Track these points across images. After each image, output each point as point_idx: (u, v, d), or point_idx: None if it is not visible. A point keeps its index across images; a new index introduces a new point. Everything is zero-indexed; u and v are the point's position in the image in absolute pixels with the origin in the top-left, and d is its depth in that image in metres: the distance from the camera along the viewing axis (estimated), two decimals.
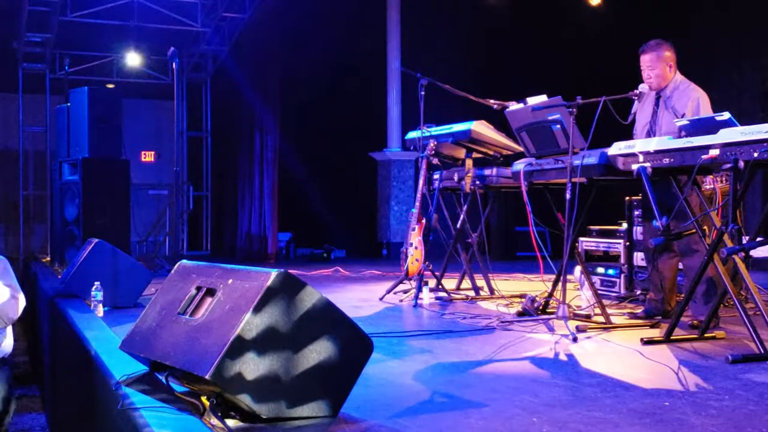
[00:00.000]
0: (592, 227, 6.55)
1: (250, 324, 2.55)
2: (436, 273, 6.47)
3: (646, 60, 5.03)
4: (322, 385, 2.70)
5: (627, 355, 4.05)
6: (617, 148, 4.51)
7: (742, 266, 4.04)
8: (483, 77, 11.35)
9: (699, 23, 9.85)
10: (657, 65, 4.99)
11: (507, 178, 6.16)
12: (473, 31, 11.87)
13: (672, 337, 4.28)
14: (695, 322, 4.74)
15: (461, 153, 6.55)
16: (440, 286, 6.41)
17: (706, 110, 4.80)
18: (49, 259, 10.26)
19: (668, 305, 5.17)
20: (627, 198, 6.28)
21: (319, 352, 2.69)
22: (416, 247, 6.15)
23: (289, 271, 2.67)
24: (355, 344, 2.81)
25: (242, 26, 11.31)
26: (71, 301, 5.62)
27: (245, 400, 2.54)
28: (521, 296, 5.79)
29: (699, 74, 5.30)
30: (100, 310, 5.29)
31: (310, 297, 2.69)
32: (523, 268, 8.78)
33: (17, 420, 5.90)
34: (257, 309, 2.57)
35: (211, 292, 2.83)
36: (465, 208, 6.49)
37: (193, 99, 12.96)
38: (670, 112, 4.94)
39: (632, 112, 5.14)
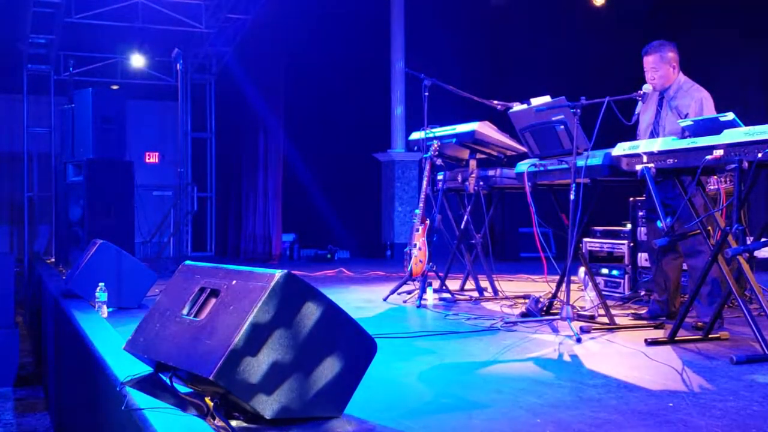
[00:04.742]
0: (596, 228, 6.55)
1: (254, 325, 2.55)
2: (440, 274, 6.47)
3: (649, 61, 5.01)
4: (326, 386, 2.70)
5: (631, 355, 4.04)
6: (621, 149, 4.51)
7: (746, 267, 4.04)
8: (487, 78, 11.39)
9: (702, 22, 9.83)
10: (661, 66, 4.98)
11: (511, 179, 6.16)
12: (477, 31, 11.89)
13: (676, 338, 4.28)
14: (699, 324, 4.74)
15: (465, 154, 6.54)
16: (444, 287, 6.41)
17: (709, 110, 4.79)
18: (53, 260, 10.29)
19: (672, 306, 5.17)
20: (631, 199, 6.27)
21: (322, 353, 2.69)
22: (420, 248, 6.15)
23: (293, 272, 2.67)
24: (359, 345, 2.81)
25: (246, 27, 11.32)
26: (75, 302, 5.63)
27: (249, 400, 2.54)
28: (525, 297, 5.80)
29: (701, 74, 5.30)
30: (105, 311, 5.30)
31: (313, 298, 2.69)
32: (527, 269, 8.77)
33: (22, 421, 5.91)
34: (261, 310, 2.57)
35: (215, 293, 2.84)
36: (468, 209, 6.49)
37: (198, 100, 12.97)
38: (673, 113, 4.93)
39: (636, 113, 5.14)
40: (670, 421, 2.79)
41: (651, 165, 4.27)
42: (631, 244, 6.18)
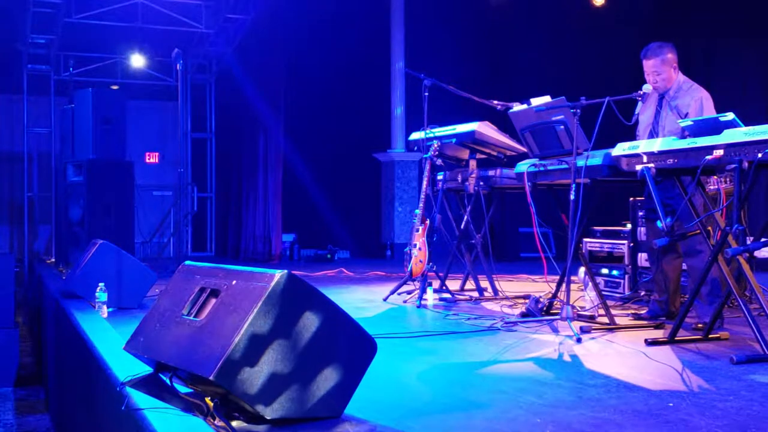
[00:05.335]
0: (596, 228, 6.55)
1: (254, 325, 2.55)
2: (440, 274, 6.47)
3: (650, 65, 4.98)
4: (326, 386, 2.70)
5: (631, 356, 4.04)
6: (621, 149, 4.51)
7: (746, 267, 4.04)
8: (487, 78, 11.38)
9: (702, 21, 9.83)
10: (663, 69, 4.95)
11: (511, 179, 6.16)
12: (477, 31, 11.89)
13: (676, 338, 4.28)
14: (699, 325, 4.74)
15: (465, 154, 6.54)
16: (444, 287, 6.41)
17: (709, 110, 4.79)
18: (53, 260, 10.29)
19: (672, 306, 5.17)
20: (631, 199, 6.28)
21: (323, 353, 2.69)
22: (420, 248, 6.15)
23: (293, 272, 2.67)
24: (359, 345, 2.81)
25: (246, 27, 11.33)
26: (76, 302, 5.63)
27: (249, 400, 2.54)
28: (525, 297, 5.79)
29: (701, 73, 5.30)
30: (105, 311, 5.30)
31: (314, 298, 2.69)
32: (527, 269, 8.77)
33: (22, 421, 5.91)
34: (261, 310, 2.57)
35: (215, 293, 2.84)
36: (468, 209, 6.48)
37: (198, 100, 12.98)
38: (673, 113, 4.93)
39: (636, 113, 5.14)
40: (670, 421, 2.79)
41: (651, 165, 4.27)
42: (631, 244, 6.18)
